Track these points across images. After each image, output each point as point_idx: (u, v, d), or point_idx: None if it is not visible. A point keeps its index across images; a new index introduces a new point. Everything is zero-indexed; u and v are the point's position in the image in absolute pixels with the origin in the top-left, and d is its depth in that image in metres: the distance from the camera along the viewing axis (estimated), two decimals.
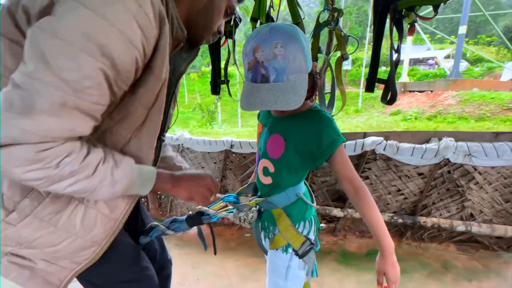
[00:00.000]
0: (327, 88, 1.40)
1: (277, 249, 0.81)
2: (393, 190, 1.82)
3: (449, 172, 1.69)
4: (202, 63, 20.38)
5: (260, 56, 0.62)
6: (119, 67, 0.46)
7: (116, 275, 0.73)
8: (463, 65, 17.01)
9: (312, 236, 0.81)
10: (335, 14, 1.43)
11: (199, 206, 0.83)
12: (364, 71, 15.64)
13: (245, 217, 0.81)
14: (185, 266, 1.66)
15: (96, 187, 0.52)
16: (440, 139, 1.69)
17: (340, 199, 1.95)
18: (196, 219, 0.83)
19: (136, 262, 0.76)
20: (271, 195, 0.81)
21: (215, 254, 0.92)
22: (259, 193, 0.86)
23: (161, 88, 0.56)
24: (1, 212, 0.53)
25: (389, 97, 1.33)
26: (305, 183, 0.87)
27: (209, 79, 1.45)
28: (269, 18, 1.51)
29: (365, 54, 16.78)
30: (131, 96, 0.53)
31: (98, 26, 0.42)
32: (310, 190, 0.90)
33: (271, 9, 1.56)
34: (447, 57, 21.50)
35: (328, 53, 1.61)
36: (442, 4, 1.18)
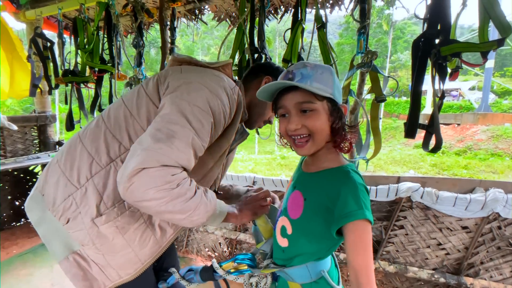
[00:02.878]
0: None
1: None
2: (432, 244, 1.63)
3: (499, 228, 1.50)
4: None
5: (290, 68, 0.67)
6: (216, 125, 0.73)
7: None
8: (491, 97, 16.41)
9: None
10: (369, 56, 1.41)
11: (213, 262, 0.80)
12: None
13: (258, 282, 0.72)
14: None
15: (197, 205, 0.64)
16: (486, 190, 1.53)
17: None
18: (209, 273, 0.81)
19: None
20: (288, 264, 0.70)
21: None
22: (274, 256, 0.77)
23: (228, 144, 0.83)
24: (95, 212, 0.69)
25: (434, 145, 1.24)
26: (332, 257, 0.75)
27: None
28: (300, 59, 1.52)
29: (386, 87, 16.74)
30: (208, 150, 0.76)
31: (214, 100, 0.71)
32: (338, 267, 0.78)
33: (302, 50, 1.57)
34: (472, 88, 20.91)
35: (359, 94, 1.56)
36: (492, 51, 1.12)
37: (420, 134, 1.22)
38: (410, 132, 1.29)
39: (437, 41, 1.16)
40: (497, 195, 1.45)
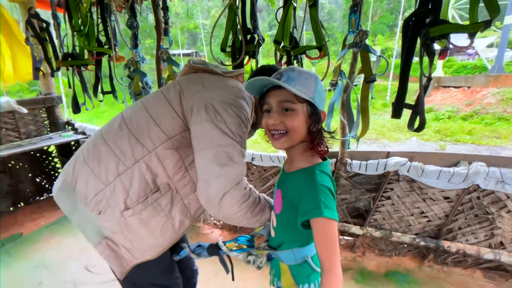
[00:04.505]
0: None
1: None
2: (416, 212, 1.78)
3: (478, 198, 1.62)
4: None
5: (280, 71, 0.74)
6: (247, 130, 0.86)
7: (156, 278, 0.95)
8: (508, 55, 15.26)
9: None
10: (360, 36, 1.41)
11: (218, 240, 0.94)
12: (394, 62, 14.76)
13: (255, 260, 0.86)
14: (208, 275, 1.77)
15: (261, 207, 0.84)
16: (470, 163, 1.61)
17: (360, 217, 1.94)
18: (215, 249, 0.95)
19: (171, 271, 1.00)
20: (278, 248, 0.81)
21: (233, 280, 1.01)
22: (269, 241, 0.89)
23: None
24: (123, 206, 0.81)
25: (418, 125, 1.29)
26: None
27: None
28: (292, 40, 1.52)
29: (396, 44, 15.80)
30: None
31: (241, 113, 0.83)
32: None
33: (295, 30, 1.56)
34: (490, 46, 19.50)
35: (351, 73, 1.58)
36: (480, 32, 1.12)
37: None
38: (396, 112, 1.33)
39: (427, 20, 1.15)
40: (478, 168, 1.54)
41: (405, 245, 1.87)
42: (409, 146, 5.94)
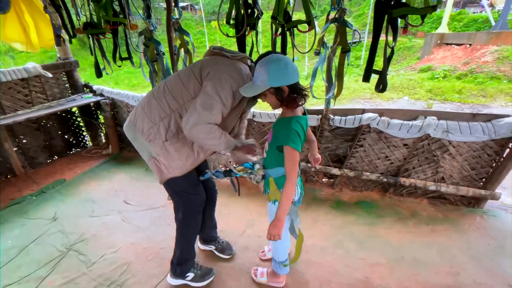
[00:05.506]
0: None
1: (269, 201, 1.33)
2: (382, 157, 2.27)
3: (428, 144, 2.08)
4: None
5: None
6: (235, 99, 1.21)
7: (187, 188, 1.42)
8: None
9: (294, 198, 1.26)
10: (340, 12, 1.72)
11: (233, 165, 1.39)
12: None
13: (254, 177, 1.33)
14: (220, 204, 2.31)
15: (220, 143, 1.19)
16: (425, 117, 2.04)
17: (339, 161, 2.44)
18: (229, 173, 1.39)
19: (197, 186, 1.46)
20: (267, 167, 1.29)
21: (239, 195, 1.49)
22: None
23: (238, 113, 1.34)
24: (164, 138, 1.25)
25: (381, 87, 1.67)
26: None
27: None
28: (286, 15, 1.82)
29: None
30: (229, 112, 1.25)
31: (234, 85, 1.19)
32: (299, 169, 1.35)
33: (288, 5, 1.85)
34: None
35: (334, 43, 1.91)
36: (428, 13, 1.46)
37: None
38: (366, 76, 1.70)
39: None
40: (430, 121, 1.97)
41: (372, 182, 2.40)
42: (400, 104, 6.30)
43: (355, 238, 1.95)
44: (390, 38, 1.51)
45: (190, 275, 1.59)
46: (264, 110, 2.51)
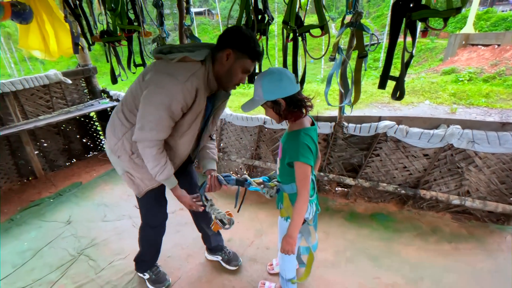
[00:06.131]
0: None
1: (281, 217, 1.27)
2: (400, 167, 2.13)
3: (451, 155, 1.93)
4: None
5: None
6: (175, 113, 1.09)
7: (148, 207, 1.48)
8: None
9: (307, 216, 1.20)
10: (356, 16, 1.64)
11: (246, 176, 1.33)
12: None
13: (268, 191, 1.28)
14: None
15: (158, 170, 1.19)
16: (448, 126, 1.90)
17: (353, 171, 2.33)
18: (242, 182, 1.31)
19: (160, 206, 1.53)
20: (282, 183, 1.23)
21: (238, 211, 1.41)
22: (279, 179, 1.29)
23: (197, 115, 1.19)
24: (130, 152, 1.24)
25: (398, 95, 1.57)
26: (312, 182, 1.22)
27: None
28: (298, 20, 1.76)
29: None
30: (181, 121, 1.17)
31: (168, 101, 1.05)
32: (315, 185, 1.27)
33: (300, 9, 1.79)
34: None
35: (349, 48, 1.82)
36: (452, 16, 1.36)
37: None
38: (382, 83, 1.61)
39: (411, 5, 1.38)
40: (454, 130, 1.83)
41: (389, 193, 2.27)
42: (421, 109, 6.00)
43: (369, 254, 1.83)
44: (408, 39, 1.40)
45: (147, 275, 1.68)
46: None
